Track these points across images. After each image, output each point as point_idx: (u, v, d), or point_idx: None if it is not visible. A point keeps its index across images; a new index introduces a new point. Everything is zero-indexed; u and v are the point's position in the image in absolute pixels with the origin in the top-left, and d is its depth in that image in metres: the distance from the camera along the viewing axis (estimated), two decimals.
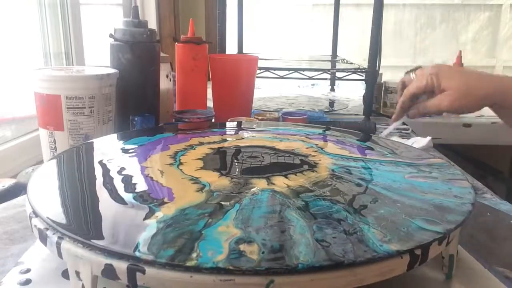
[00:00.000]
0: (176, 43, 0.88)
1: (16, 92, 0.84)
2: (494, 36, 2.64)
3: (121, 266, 0.28)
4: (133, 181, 0.42)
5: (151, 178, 0.43)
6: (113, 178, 0.42)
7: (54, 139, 0.61)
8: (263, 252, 0.28)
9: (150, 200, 0.37)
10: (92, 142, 0.55)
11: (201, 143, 0.56)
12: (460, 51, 1.45)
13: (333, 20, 1.58)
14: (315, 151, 0.53)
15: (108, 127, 0.64)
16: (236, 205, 0.36)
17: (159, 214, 0.34)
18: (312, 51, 1.98)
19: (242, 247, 0.29)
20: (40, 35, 0.93)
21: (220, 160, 0.51)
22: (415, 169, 0.47)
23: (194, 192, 0.39)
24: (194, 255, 0.28)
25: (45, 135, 0.61)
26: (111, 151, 0.51)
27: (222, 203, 0.36)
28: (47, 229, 0.32)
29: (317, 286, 0.28)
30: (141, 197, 0.38)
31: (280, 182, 0.42)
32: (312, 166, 0.47)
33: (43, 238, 0.32)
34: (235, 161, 0.50)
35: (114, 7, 1.42)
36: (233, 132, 0.65)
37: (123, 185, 0.41)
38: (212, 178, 0.43)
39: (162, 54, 0.78)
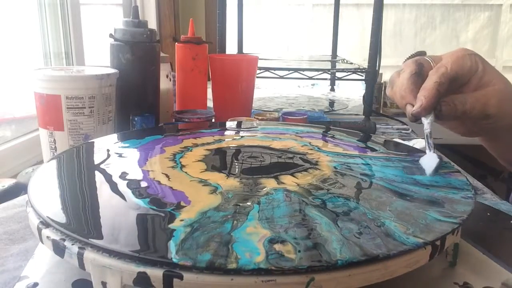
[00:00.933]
0: (176, 43, 0.88)
1: (16, 92, 0.84)
2: (494, 36, 2.64)
3: (156, 273, 0.27)
4: (142, 185, 0.40)
5: (159, 182, 0.41)
6: (117, 184, 0.41)
7: (54, 139, 0.61)
8: (299, 251, 0.29)
9: (166, 204, 0.36)
10: (92, 142, 0.55)
11: (195, 145, 0.55)
12: None
13: (333, 20, 1.58)
14: (311, 149, 0.53)
15: (108, 127, 0.64)
16: (255, 206, 0.36)
17: (182, 218, 0.33)
18: (312, 51, 1.98)
19: (277, 247, 0.29)
20: (40, 35, 0.93)
21: (221, 161, 0.51)
22: (409, 164, 0.47)
23: (208, 195, 0.38)
24: (232, 258, 0.28)
25: (45, 135, 0.61)
26: (105, 153, 0.50)
27: (240, 204, 0.36)
28: (64, 240, 0.31)
29: (354, 281, 0.28)
30: (156, 202, 0.36)
31: (289, 181, 0.42)
32: (314, 164, 0.47)
33: (59, 250, 0.31)
34: (236, 161, 0.50)
35: (114, 7, 1.42)
36: (224, 133, 0.64)
37: (131, 190, 0.39)
38: (221, 180, 0.42)
39: (162, 54, 0.78)
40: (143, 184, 0.41)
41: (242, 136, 0.61)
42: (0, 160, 0.71)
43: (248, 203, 0.36)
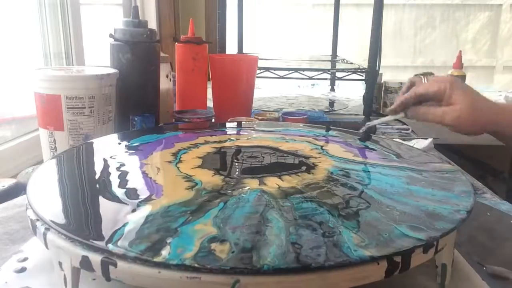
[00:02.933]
0: (176, 43, 0.88)
1: (16, 92, 0.84)
2: (494, 36, 2.64)
3: (96, 259, 0.29)
4: (128, 178, 0.43)
5: (147, 174, 0.44)
6: (110, 174, 0.43)
7: (54, 139, 0.61)
8: (233, 252, 0.28)
9: (139, 196, 0.38)
10: (92, 142, 0.55)
11: (206, 142, 0.56)
12: (460, 51, 1.45)
13: (333, 20, 1.57)
14: (319, 152, 0.53)
15: (108, 127, 0.64)
16: (221, 204, 0.36)
17: (143, 210, 0.35)
18: (312, 51, 1.98)
19: (213, 245, 0.29)
20: (40, 35, 0.93)
21: (219, 160, 0.51)
22: (418, 174, 0.46)
23: (183, 190, 0.40)
24: (164, 251, 0.28)
25: (45, 135, 0.61)
26: (116, 147, 0.53)
27: (208, 201, 0.37)
28: (37, 220, 0.34)
29: None
30: (131, 193, 0.39)
31: (272, 183, 0.42)
32: (310, 168, 0.47)
33: (34, 229, 0.34)
34: (235, 160, 0.50)
35: (114, 7, 1.42)
36: (240, 132, 0.65)
37: (118, 181, 0.42)
38: (206, 177, 0.43)
39: (162, 54, 0.78)
40: (130, 175, 0.43)
41: (255, 136, 0.61)
42: (0, 160, 0.71)
43: (216, 201, 0.37)
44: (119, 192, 0.39)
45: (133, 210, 0.35)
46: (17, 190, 0.58)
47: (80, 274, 0.32)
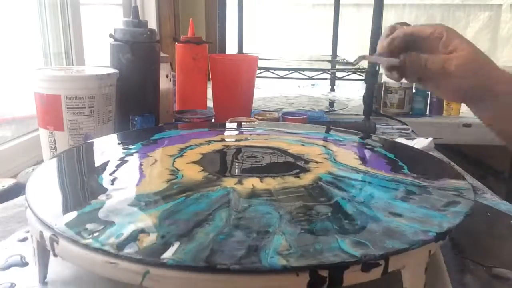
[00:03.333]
0: (176, 43, 0.88)
1: (16, 92, 0.84)
2: (494, 36, 2.64)
3: (47, 235, 0.32)
4: (123, 167, 0.46)
5: (141, 166, 0.46)
6: (108, 162, 0.46)
7: (54, 139, 0.61)
8: (154, 244, 0.29)
9: (119, 184, 0.41)
10: (92, 142, 0.55)
11: (222, 140, 0.58)
12: None
13: (333, 20, 1.57)
14: (325, 158, 0.51)
15: (108, 127, 0.64)
16: (181, 198, 0.37)
17: (110, 196, 0.37)
18: (312, 51, 1.98)
19: (141, 235, 0.30)
20: (40, 35, 0.93)
21: (218, 158, 0.51)
22: (418, 189, 0.42)
23: (160, 182, 0.41)
24: (94, 235, 0.30)
25: (45, 135, 0.61)
26: (137, 141, 0.56)
27: (175, 195, 0.38)
28: (27, 207, 0.36)
29: (193, 286, 0.27)
30: (112, 181, 0.41)
31: (249, 183, 0.41)
32: (303, 172, 0.45)
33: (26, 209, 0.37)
34: (231, 160, 0.51)
35: (114, 7, 1.42)
36: (259, 132, 0.63)
37: (113, 169, 0.45)
38: (191, 172, 0.44)
39: (162, 54, 0.78)
40: (127, 166, 0.46)
41: (272, 138, 0.60)
42: (0, 160, 0.71)
43: (180, 195, 0.38)
44: (105, 180, 0.41)
45: (108, 197, 0.37)
46: (17, 190, 0.58)
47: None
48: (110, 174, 0.43)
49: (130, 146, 0.53)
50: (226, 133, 0.65)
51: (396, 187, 0.43)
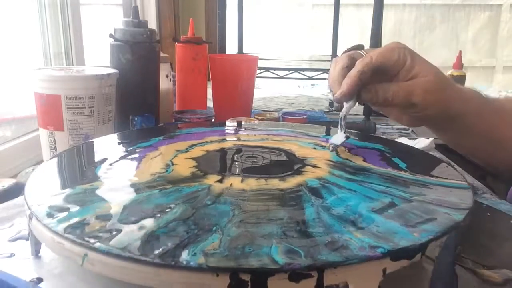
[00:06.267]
0: (176, 43, 0.88)
1: (16, 92, 0.84)
2: (494, 36, 2.64)
3: (28, 212, 0.35)
4: (126, 157, 0.48)
5: (144, 157, 0.48)
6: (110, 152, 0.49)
7: (54, 139, 0.61)
8: (98, 229, 0.31)
9: (110, 173, 0.43)
10: (92, 142, 0.55)
11: (238, 139, 0.59)
12: (460, 51, 1.45)
13: (333, 20, 1.57)
14: (329, 163, 0.48)
15: (108, 127, 0.64)
16: (155, 191, 0.38)
17: (95, 185, 0.40)
18: (312, 51, 1.98)
19: (92, 220, 0.32)
20: (40, 35, 0.93)
21: (218, 156, 0.52)
22: (403, 200, 0.38)
23: (149, 175, 0.43)
24: (60, 215, 0.33)
25: (45, 135, 0.61)
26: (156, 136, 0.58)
27: (153, 187, 0.39)
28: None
29: (125, 275, 0.28)
30: (109, 170, 0.44)
31: (228, 182, 0.41)
32: (293, 175, 0.44)
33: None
34: (228, 158, 0.51)
35: (114, 7, 1.42)
36: (279, 133, 0.62)
37: (114, 160, 0.47)
38: (182, 167, 0.45)
39: (162, 54, 0.78)
40: (130, 157, 0.49)
41: (289, 140, 0.59)
42: (0, 160, 0.71)
43: (158, 188, 0.39)
44: (102, 169, 0.44)
45: (92, 185, 0.39)
46: (17, 190, 0.58)
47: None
48: (110, 164, 0.45)
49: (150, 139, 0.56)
50: (245, 132, 0.63)
51: (382, 198, 0.39)
